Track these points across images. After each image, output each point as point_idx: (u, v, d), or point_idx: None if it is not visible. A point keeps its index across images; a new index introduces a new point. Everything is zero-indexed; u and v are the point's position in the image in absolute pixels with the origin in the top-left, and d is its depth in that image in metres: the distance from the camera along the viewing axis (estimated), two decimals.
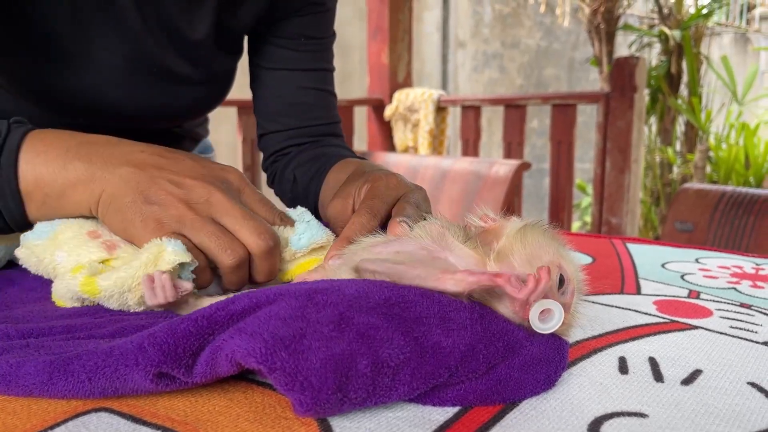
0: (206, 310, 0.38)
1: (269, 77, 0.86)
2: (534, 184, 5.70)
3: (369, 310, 0.37)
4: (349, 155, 0.81)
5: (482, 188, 2.53)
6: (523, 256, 0.43)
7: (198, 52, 0.77)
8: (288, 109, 0.86)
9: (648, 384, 0.40)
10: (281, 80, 0.85)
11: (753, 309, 0.56)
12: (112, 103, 0.73)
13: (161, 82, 0.76)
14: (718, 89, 5.16)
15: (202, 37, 0.76)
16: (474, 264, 0.44)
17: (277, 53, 0.84)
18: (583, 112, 4.33)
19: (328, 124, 0.87)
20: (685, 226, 2.25)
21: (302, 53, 0.84)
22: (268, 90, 0.86)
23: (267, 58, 0.85)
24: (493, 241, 0.45)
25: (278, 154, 0.88)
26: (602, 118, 2.63)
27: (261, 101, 0.88)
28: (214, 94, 0.84)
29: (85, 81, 0.70)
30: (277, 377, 0.32)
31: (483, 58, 5.71)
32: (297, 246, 0.55)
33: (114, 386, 0.35)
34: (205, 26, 0.75)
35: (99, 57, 0.69)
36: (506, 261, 0.43)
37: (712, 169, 4.37)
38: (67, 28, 0.66)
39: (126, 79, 0.72)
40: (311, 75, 0.85)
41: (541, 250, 0.43)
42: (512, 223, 0.46)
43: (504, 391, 0.37)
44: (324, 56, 0.87)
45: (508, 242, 0.44)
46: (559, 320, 0.40)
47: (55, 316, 0.47)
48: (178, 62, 0.76)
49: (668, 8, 4.83)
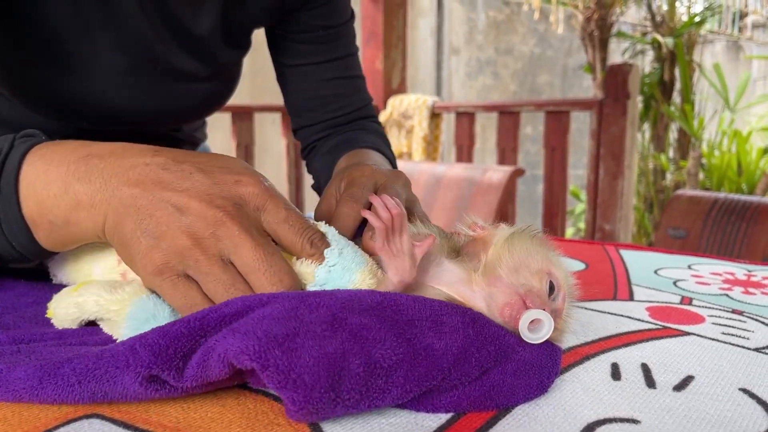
0: (199, 312, 0.38)
1: (292, 74, 0.86)
2: (528, 190, 5.71)
3: (362, 312, 0.37)
4: (365, 142, 0.82)
5: (476, 194, 2.53)
6: (510, 265, 0.42)
7: (203, 47, 0.76)
8: (313, 103, 0.87)
9: (640, 390, 0.40)
10: (303, 76, 0.86)
11: (745, 315, 0.57)
12: (116, 106, 0.72)
13: (166, 81, 0.75)
14: (711, 96, 5.19)
15: (208, 32, 0.75)
16: (460, 280, 0.44)
17: (297, 49, 0.85)
18: (576, 119, 4.35)
19: (355, 110, 0.88)
20: (678, 233, 2.26)
21: (320, 45, 0.85)
22: (293, 86, 0.87)
23: (288, 55, 0.86)
24: (481, 252, 0.45)
25: (309, 148, 0.90)
26: (596, 125, 2.64)
27: (288, 98, 0.89)
28: (221, 90, 0.84)
29: (89, 84, 0.69)
30: (270, 375, 0.32)
31: (477, 64, 5.73)
32: (319, 283, 0.45)
33: (104, 390, 0.35)
34: (210, 20, 0.75)
35: (102, 58, 0.68)
36: (494, 273, 0.43)
37: (705, 176, 4.39)
38: (69, 29, 0.65)
39: (130, 80, 0.71)
40: (333, 65, 0.86)
41: (529, 258, 0.43)
42: (501, 231, 0.46)
43: (497, 396, 0.37)
44: (343, 42, 0.87)
45: (495, 252, 0.44)
46: (549, 330, 0.40)
47: (47, 323, 0.47)
48: (183, 59, 0.75)
49: (661, 16, 4.86)
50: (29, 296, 0.54)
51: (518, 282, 0.42)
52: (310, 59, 0.85)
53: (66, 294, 0.48)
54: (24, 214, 0.47)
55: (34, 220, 0.47)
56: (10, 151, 0.47)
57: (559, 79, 6.23)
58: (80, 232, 0.47)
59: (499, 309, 0.41)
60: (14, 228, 0.47)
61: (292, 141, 3.19)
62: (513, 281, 0.42)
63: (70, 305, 0.46)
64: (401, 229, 0.43)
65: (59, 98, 0.69)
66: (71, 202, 0.46)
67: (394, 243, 0.43)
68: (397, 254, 0.43)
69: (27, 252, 0.48)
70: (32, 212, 0.47)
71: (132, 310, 0.43)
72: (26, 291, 0.55)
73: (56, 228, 0.47)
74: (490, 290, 0.42)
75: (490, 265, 0.43)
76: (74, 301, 0.46)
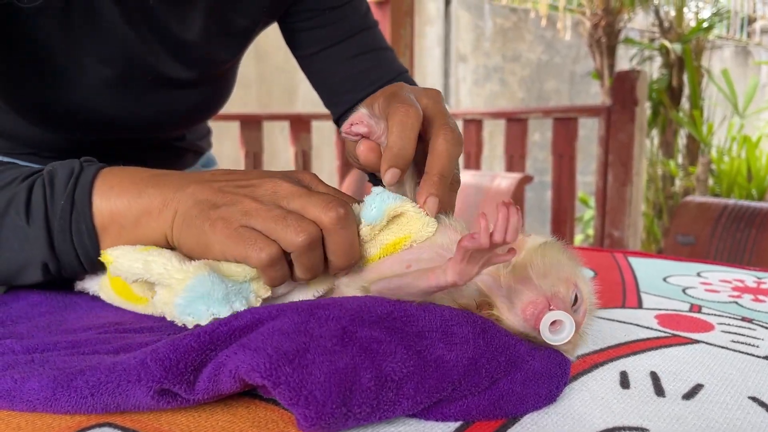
0: (208, 325, 0.38)
1: (315, 62, 0.85)
2: (536, 197, 5.70)
3: (371, 324, 0.38)
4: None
5: (484, 201, 2.53)
6: (540, 269, 0.43)
7: (193, 53, 0.76)
8: (344, 86, 0.85)
9: (649, 398, 0.40)
10: (326, 61, 0.85)
11: (754, 323, 0.56)
12: (108, 115, 0.72)
13: (156, 89, 0.75)
14: (720, 102, 5.17)
15: (197, 37, 0.74)
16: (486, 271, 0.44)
17: (311, 36, 0.84)
18: (584, 125, 4.34)
19: (390, 80, 0.84)
20: (687, 239, 2.25)
21: (332, 26, 0.84)
22: (319, 75, 0.86)
23: (305, 46, 0.85)
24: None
25: None
26: (604, 132, 2.64)
27: (320, 90, 0.88)
28: (213, 97, 0.84)
29: (78, 95, 0.69)
30: (281, 392, 0.32)
31: (484, 71, 5.73)
32: (370, 218, 0.48)
33: (116, 402, 0.35)
34: (199, 24, 0.74)
35: (90, 70, 0.69)
36: (523, 273, 0.43)
37: (715, 182, 4.37)
38: (57, 41, 0.66)
39: (119, 90, 0.72)
40: (352, 42, 0.84)
41: (559, 267, 0.43)
42: (532, 238, 0.47)
43: (506, 405, 0.37)
44: (356, 18, 0.85)
45: (527, 255, 0.44)
46: (570, 332, 0.40)
47: (60, 332, 0.47)
48: (173, 66, 0.74)
49: (669, 22, 4.86)
50: (43, 306, 0.54)
51: (545, 285, 0.42)
52: (327, 42, 0.84)
53: (133, 250, 0.49)
54: (95, 224, 0.51)
55: (105, 227, 0.51)
56: (81, 171, 0.52)
57: (566, 85, 6.22)
58: (148, 232, 0.51)
59: (523, 306, 0.41)
60: (85, 239, 0.51)
61: (301, 149, 3.20)
62: (540, 283, 0.42)
63: (138, 260, 0.48)
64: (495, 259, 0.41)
65: (49, 109, 0.70)
66: (144, 204, 0.50)
67: (481, 256, 0.41)
68: (472, 263, 0.41)
69: (88, 262, 0.52)
70: (104, 221, 0.51)
71: (191, 283, 0.44)
72: (40, 300, 0.55)
73: (125, 232, 0.51)
74: (516, 287, 0.42)
75: (520, 265, 0.44)
76: (144, 258, 0.47)
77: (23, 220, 0.51)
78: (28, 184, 0.52)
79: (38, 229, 0.51)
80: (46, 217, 0.51)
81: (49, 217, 0.51)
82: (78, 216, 0.51)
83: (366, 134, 0.50)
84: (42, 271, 0.53)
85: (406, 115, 0.48)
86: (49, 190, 0.51)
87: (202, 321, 0.43)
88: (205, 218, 0.47)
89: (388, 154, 0.48)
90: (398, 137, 0.48)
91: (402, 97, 0.50)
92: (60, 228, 0.51)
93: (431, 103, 0.53)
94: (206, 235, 0.47)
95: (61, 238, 0.51)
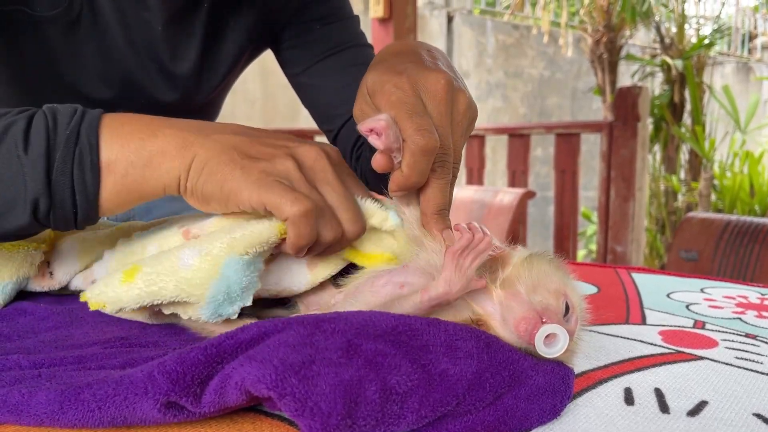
0: (215, 339, 0.38)
1: (308, 78, 0.86)
2: (539, 212, 5.70)
3: (376, 338, 0.38)
4: None
5: (487, 216, 2.53)
6: (529, 282, 0.44)
7: (186, 81, 0.79)
8: (340, 97, 0.85)
9: (654, 415, 0.40)
10: (319, 74, 0.86)
11: (758, 339, 0.56)
12: None
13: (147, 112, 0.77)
14: (721, 118, 5.18)
15: (188, 71, 0.78)
16: (480, 292, 0.45)
17: (302, 52, 0.85)
18: (586, 141, 4.36)
19: None
20: (690, 255, 2.25)
21: (321, 39, 0.85)
22: (314, 91, 0.87)
23: (297, 63, 0.86)
24: (499, 269, 0.46)
25: (355, 147, 0.87)
26: (606, 147, 2.65)
27: (314, 107, 0.88)
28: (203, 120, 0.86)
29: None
30: (287, 403, 0.32)
31: (486, 87, 5.76)
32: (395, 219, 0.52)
33: (123, 415, 0.36)
34: (189, 62, 0.77)
35: (90, 85, 0.71)
36: (512, 287, 0.44)
37: (717, 198, 4.37)
38: (60, 53, 0.68)
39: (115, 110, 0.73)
40: (343, 55, 0.85)
41: (547, 278, 0.44)
42: (518, 252, 0.47)
43: (510, 421, 0.37)
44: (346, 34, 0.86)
45: (515, 270, 0.45)
46: (564, 345, 0.40)
47: (66, 347, 0.48)
48: (164, 92, 0.77)
49: (670, 38, 4.88)
50: (49, 320, 0.55)
51: (536, 299, 0.43)
52: (318, 55, 0.85)
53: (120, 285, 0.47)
54: (101, 159, 0.47)
55: (111, 164, 0.47)
56: (85, 111, 0.49)
57: (568, 101, 6.24)
58: (159, 173, 0.47)
59: (515, 322, 0.42)
60: (87, 175, 0.47)
61: None
62: (531, 298, 0.43)
63: (140, 297, 0.47)
64: (479, 253, 0.44)
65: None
66: (159, 145, 0.47)
67: (466, 261, 0.43)
68: (459, 270, 0.43)
69: (83, 203, 0.48)
70: (112, 154, 0.47)
71: (210, 293, 0.46)
72: (46, 315, 0.56)
73: (133, 170, 0.47)
74: (508, 303, 0.43)
75: (509, 280, 0.44)
76: (146, 291, 0.47)
77: (21, 148, 0.46)
78: (27, 115, 0.48)
79: (37, 158, 0.46)
80: (48, 146, 0.46)
81: (50, 146, 0.46)
82: (83, 148, 0.47)
83: (381, 150, 0.49)
84: (30, 211, 0.47)
85: (425, 149, 0.47)
86: (51, 122, 0.47)
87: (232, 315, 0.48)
88: (237, 165, 0.46)
89: (401, 179, 0.49)
90: (412, 170, 0.48)
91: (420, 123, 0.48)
92: (62, 158, 0.46)
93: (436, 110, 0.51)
94: (236, 181, 0.46)
95: (60, 169, 0.46)
